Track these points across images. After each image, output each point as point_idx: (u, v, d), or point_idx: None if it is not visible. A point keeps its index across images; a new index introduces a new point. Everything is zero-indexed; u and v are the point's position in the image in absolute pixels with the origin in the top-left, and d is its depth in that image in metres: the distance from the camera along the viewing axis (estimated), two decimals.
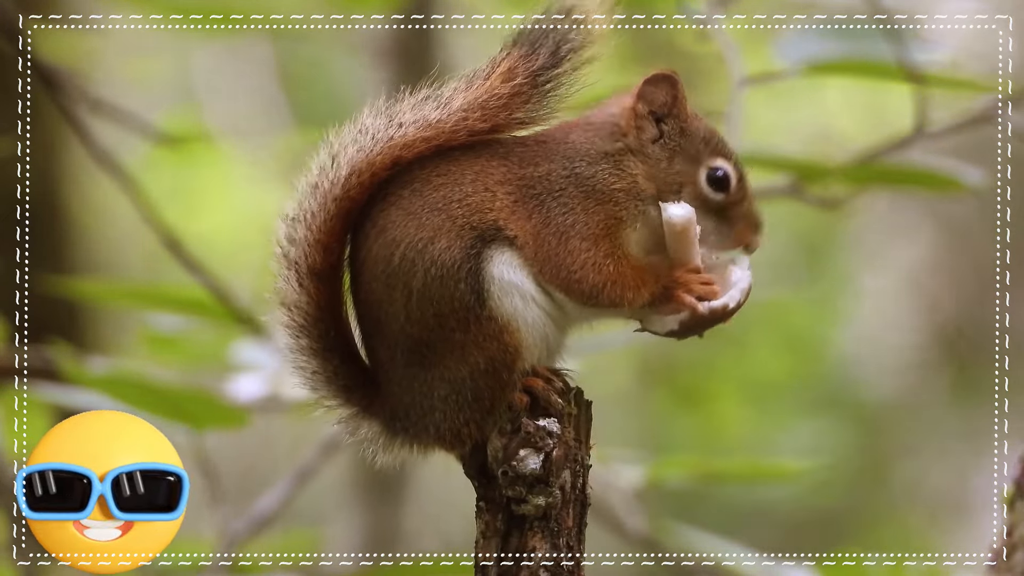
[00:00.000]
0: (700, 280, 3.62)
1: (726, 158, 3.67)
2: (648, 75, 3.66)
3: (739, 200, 3.67)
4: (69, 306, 6.74)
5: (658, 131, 3.66)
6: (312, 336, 3.68)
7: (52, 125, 6.86)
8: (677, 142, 3.66)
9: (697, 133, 3.67)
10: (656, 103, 3.66)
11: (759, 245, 3.70)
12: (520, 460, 3.57)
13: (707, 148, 3.67)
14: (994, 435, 4.06)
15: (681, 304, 3.61)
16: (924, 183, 5.21)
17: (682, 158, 3.66)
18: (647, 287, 3.61)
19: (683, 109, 3.66)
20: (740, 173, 3.67)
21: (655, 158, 3.65)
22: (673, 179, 3.65)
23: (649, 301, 3.62)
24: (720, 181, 3.66)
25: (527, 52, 3.65)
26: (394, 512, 6.81)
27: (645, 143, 3.66)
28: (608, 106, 3.70)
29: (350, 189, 3.64)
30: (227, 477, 5.45)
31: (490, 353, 3.57)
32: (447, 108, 3.64)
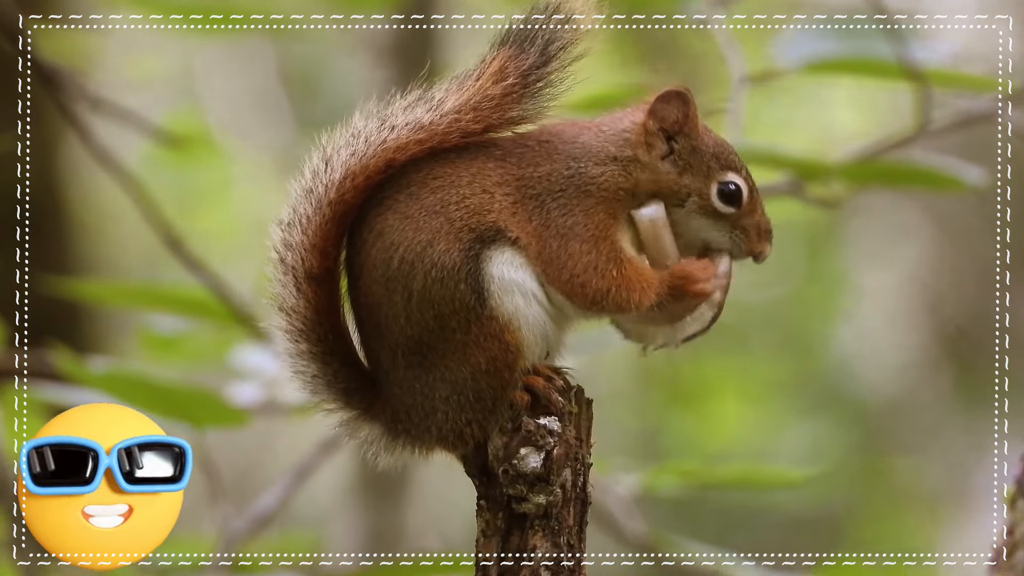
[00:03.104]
0: (701, 267, 3.62)
1: (737, 171, 3.67)
2: (660, 92, 3.66)
3: (750, 212, 3.67)
4: (69, 306, 6.73)
5: (668, 148, 3.66)
6: (311, 340, 3.67)
7: (52, 125, 6.86)
8: (687, 160, 3.66)
9: (708, 149, 3.67)
10: (668, 121, 3.66)
11: (769, 254, 3.70)
12: (521, 458, 3.57)
13: (718, 163, 3.66)
14: (994, 434, 4.06)
15: (699, 295, 3.61)
16: (924, 182, 5.21)
17: (692, 174, 3.66)
18: (652, 289, 3.60)
19: (694, 126, 3.66)
20: (751, 185, 3.67)
21: (664, 172, 3.65)
22: (681, 191, 3.65)
23: (656, 302, 3.61)
24: (732, 196, 3.66)
25: (517, 51, 3.65)
26: (394, 512, 6.81)
27: (654, 159, 3.65)
28: (620, 118, 3.69)
29: (344, 193, 3.64)
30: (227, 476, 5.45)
31: (491, 353, 3.57)
32: (439, 110, 3.64)
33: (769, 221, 3.70)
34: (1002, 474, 3.88)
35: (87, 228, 7.97)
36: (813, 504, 8.59)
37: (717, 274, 3.64)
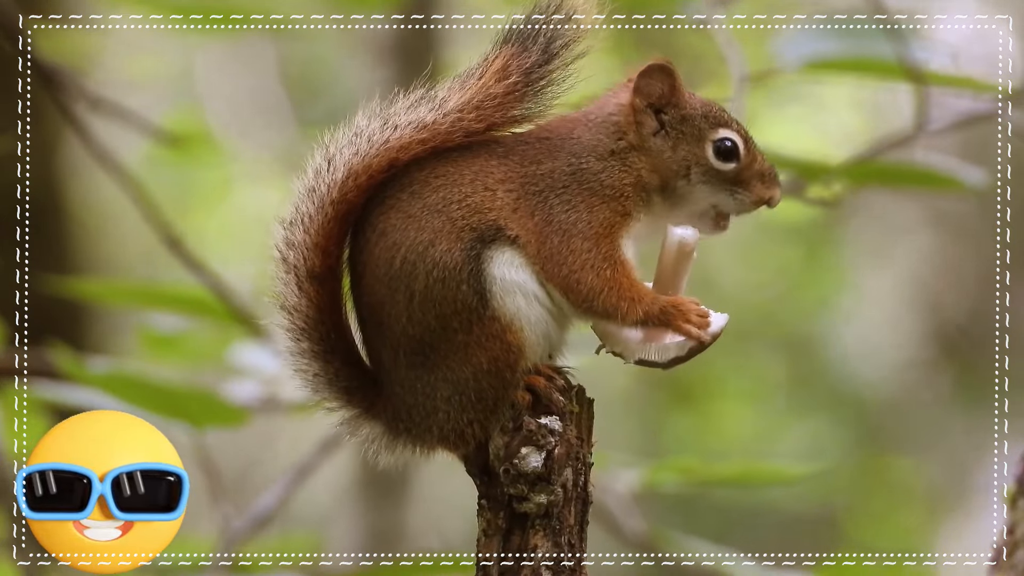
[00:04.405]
0: (697, 312, 3.61)
1: (728, 126, 3.66)
2: (642, 67, 3.66)
3: (750, 163, 3.66)
4: (69, 306, 6.74)
5: (658, 123, 3.66)
6: (313, 339, 3.67)
7: (52, 124, 6.86)
8: (679, 129, 3.66)
9: (696, 111, 3.66)
10: (653, 95, 3.66)
11: (779, 198, 3.69)
12: (522, 458, 3.57)
13: (708, 122, 3.66)
14: (994, 434, 4.06)
15: (684, 333, 3.60)
16: (924, 182, 5.21)
17: (686, 142, 3.65)
18: (642, 304, 3.59)
19: (680, 96, 3.66)
20: (745, 136, 3.67)
21: (658, 149, 3.65)
22: (680, 165, 3.64)
23: (642, 320, 3.60)
24: (729, 152, 3.66)
25: (519, 50, 3.65)
26: (394, 512, 6.81)
27: (646, 137, 3.65)
28: (605, 103, 3.69)
29: (347, 192, 3.64)
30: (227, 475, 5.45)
31: (493, 353, 3.57)
32: (442, 109, 3.64)
33: (773, 166, 3.68)
34: (1002, 474, 3.88)
35: (87, 228, 7.97)
36: (813, 503, 8.59)
37: (711, 328, 3.62)
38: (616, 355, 3.69)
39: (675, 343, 3.62)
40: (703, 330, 3.59)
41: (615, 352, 3.68)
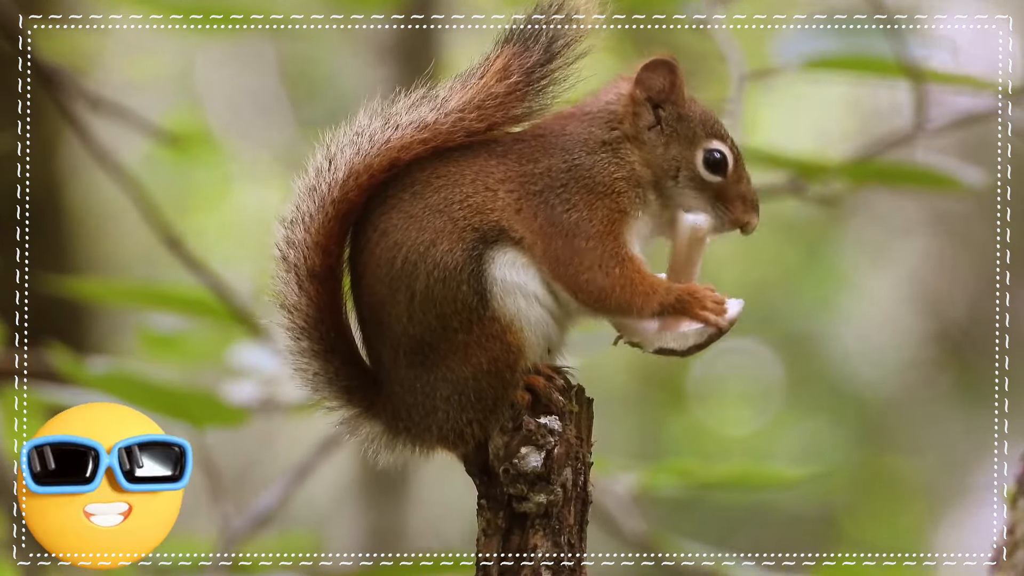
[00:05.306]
0: (713, 298, 3.61)
1: (722, 140, 3.67)
2: (646, 61, 3.66)
3: (735, 181, 3.67)
4: (69, 306, 6.73)
5: (655, 117, 3.66)
6: (313, 338, 3.67)
7: (52, 124, 6.86)
8: (674, 127, 3.66)
9: (694, 116, 3.67)
10: (654, 89, 3.66)
11: (756, 225, 3.69)
12: (521, 458, 3.57)
13: (704, 130, 3.66)
14: (994, 433, 4.06)
15: (702, 320, 3.60)
16: (924, 182, 5.21)
17: (678, 143, 3.66)
18: (656, 296, 3.59)
19: (680, 94, 3.66)
20: (736, 155, 3.67)
21: (651, 144, 3.65)
22: (670, 164, 3.65)
23: (659, 311, 3.61)
24: (717, 164, 3.66)
25: (520, 49, 3.65)
26: (394, 512, 6.81)
27: (641, 130, 3.65)
28: (604, 94, 3.70)
29: (348, 191, 3.64)
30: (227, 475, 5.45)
31: (493, 353, 3.57)
32: (443, 109, 3.64)
33: (756, 193, 3.69)
34: (1002, 473, 3.88)
35: (87, 228, 7.97)
36: (813, 503, 8.59)
37: (728, 314, 3.62)
38: (634, 346, 3.70)
39: (693, 330, 3.63)
40: (720, 316, 3.60)
41: (633, 343, 3.69)
